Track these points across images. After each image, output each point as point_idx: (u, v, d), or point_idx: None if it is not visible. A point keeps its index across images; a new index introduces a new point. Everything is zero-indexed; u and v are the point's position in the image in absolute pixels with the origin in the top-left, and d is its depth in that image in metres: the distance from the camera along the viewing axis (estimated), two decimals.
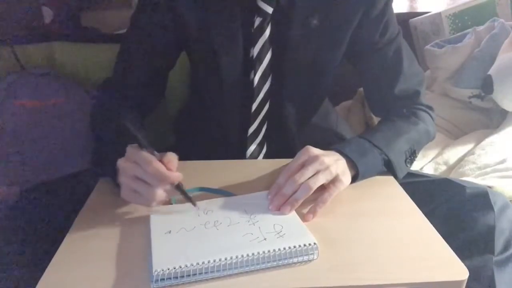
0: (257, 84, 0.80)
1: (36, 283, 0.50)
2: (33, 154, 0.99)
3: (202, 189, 0.70)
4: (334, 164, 0.66)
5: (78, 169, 0.85)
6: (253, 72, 0.79)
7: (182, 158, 0.64)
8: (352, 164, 0.70)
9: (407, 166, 0.77)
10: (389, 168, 0.75)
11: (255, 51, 0.78)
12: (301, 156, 0.67)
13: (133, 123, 0.73)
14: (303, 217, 0.62)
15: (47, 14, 1.26)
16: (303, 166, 0.65)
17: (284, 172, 0.66)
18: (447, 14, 1.44)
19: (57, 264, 0.53)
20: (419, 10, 1.61)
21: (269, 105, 0.83)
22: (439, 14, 1.44)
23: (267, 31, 0.77)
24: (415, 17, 1.50)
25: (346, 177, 0.68)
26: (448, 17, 1.44)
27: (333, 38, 0.81)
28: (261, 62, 0.79)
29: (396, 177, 0.75)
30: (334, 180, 0.65)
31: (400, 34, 0.85)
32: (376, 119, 1.24)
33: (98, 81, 0.91)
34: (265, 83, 0.80)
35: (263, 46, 0.78)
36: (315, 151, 0.68)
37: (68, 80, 1.17)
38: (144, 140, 0.60)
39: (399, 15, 0.86)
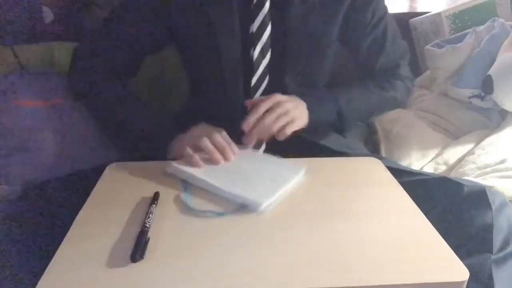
0: (256, 59, 0.83)
1: (36, 283, 0.50)
2: (33, 154, 0.99)
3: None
4: (294, 109, 0.79)
5: (78, 169, 0.85)
6: (253, 47, 0.82)
7: None
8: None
9: (358, 124, 0.92)
10: (340, 121, 0.87)
11: (255, 26, 0.81)
12: (268, 101, 0.77)
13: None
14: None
15: (47, 14, 1.26)
16: (270, 109, 0.77)
17: (254, 113, 0.77)
18: (447, 14, 1.44)
19: (57, 264, 0.53)
20: (419, 10, 1.61)
21: (269, 80, 0.86)
22: (439, 14, 1.43)
23: (266, 6, 0.80)
24: (415, 17, 1.50)
25: (302, 120, 0.81)
26: (448, 17, 1.44)
27: (329, 15, 0.86)
28: (260, 37, 0.82)
29: (342, 131, 0.88)
30: (291, 122, 0.78)
31: (387, 12, 0.92)
32: (376, 118, 1.24)
33: None
34: (264, 58, 0.84)
35: (262, 21, 0.81)
36: (281, 97, 0.79)
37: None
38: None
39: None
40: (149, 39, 0.88)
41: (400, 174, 0.77)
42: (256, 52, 0.82)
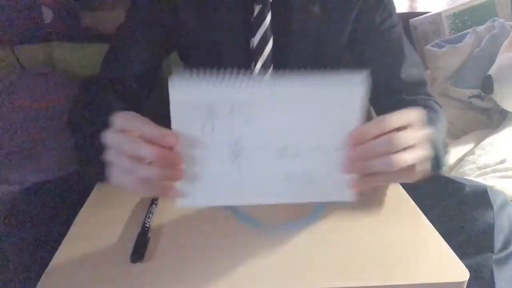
0: (257, 75, 0.80)
1: (36, 283, 0.50)
2: (33, 153, 0.99)
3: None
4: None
5: (78, 169, 0.85)
6: (254, 62, 0.79)
7: None
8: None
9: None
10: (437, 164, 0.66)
11: (255, 40, 0.78)
12: (409, 116, 0.51)
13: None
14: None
15: (47, 14, 1.26)
16: (406, 127, 0.50)
17: (381, 122, 0.50)
18: (447, 14, 1.44)
19: (56, 264, 0.53)
20: (419, 10, 1.61)
21: None
22: (439, 14, 1.44)
23: (267, 19, 0.77)
24: (415, 17, 1.50)
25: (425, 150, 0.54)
26: (448, 17, 1.44)
27: (335, 27, 0.81)
28: (262, 52, 0.78)
29: (438, 172, 0.66)
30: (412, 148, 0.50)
31: (400, 24, 0.86)
32: None
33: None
34: (266, 74, 0.80)
35: (263, 35, 0.77)
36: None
37: (68, 80, 1.17)
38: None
39: (399, 15, 0.87)
40: (157, 45, 0.84)
41: None
42: (257, 68, 0.79)
